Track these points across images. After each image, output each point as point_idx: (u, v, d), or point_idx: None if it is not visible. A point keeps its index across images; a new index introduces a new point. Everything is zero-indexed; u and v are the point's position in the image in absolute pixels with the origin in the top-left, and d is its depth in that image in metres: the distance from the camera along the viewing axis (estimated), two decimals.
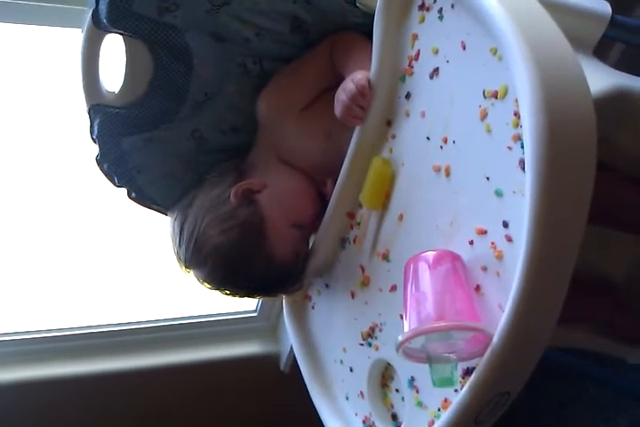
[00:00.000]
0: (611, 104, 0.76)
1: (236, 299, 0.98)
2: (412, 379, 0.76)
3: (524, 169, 0.59)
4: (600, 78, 0.79)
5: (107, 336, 1.62)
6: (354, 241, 0.89)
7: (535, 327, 0.60)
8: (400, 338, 0.63)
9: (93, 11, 0.86)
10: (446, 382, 0.64)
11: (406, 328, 0.65)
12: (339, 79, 0.86)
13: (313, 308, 0.99)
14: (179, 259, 0.94)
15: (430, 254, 0.68)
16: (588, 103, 0.57)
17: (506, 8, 0.60)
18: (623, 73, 0.89)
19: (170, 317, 1.69)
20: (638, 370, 1.11)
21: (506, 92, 0.62)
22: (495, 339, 0.60)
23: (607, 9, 0.86)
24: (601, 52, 0.91)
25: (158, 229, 1.09)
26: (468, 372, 0.65)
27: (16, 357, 1.55)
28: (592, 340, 0.98)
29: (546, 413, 1.60)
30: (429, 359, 0.64)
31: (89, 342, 1.61)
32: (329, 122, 0.87)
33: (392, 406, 0.83)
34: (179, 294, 1.65)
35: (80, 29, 0.91)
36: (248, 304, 1.76)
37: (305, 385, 0.96)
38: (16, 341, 1.56)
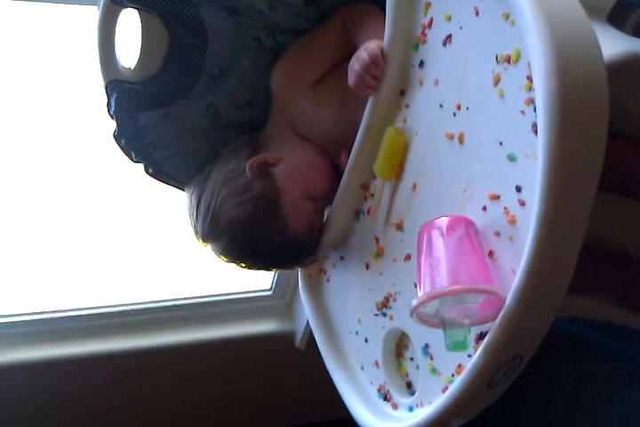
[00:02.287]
0: (623, 69, 0.76)
1: (252, 272, 1.00)
2: (427, 346, 0.77)
3: (536, 133, 0.59)
4: (613, 44, 0.79)
5: (121, 316, 1.64)
6: (368, 212, 0.89)
7: (547, 290, 0.60)
8: (414, 302, 0.64)
9: None
10: (459, 345, 0.65)
11: (420, 293, 0.66)
12: (352, 50, 0.86)
13: (328, 281, 1.00)
14: (196, 232, 0.95)
15: (443, 221, 0.68)
16: (601, 67, 0.58)
17: None
18: (638, 39, 0.88)
19: (185, 296, 1.70)
20: None
21: (518, 57, 0.62)
22: (508, 302, 0.61)
23: None
24: (617, 19, 0.90)
25: (173, 207, 1.10)
26: (481, 336, 0.66)
27: (35, 337, 1.57)
28: (607, 310, 0.97)
29: (561, 387, 1.61)
30: (443, 324, 0.65)
31: (104, 321, 1.62)
32: (342, 93, 0.88)
33: (407, 375, 0.84)
34: (194, 273, 1.67)
35: (95, 6, 0.92)
36: (263, 283, 1.77)
37: (321, 362, 0.97)
38: (35, 321, 1.58)
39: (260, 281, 1.76)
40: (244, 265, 0.96)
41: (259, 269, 0.98)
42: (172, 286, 1.71)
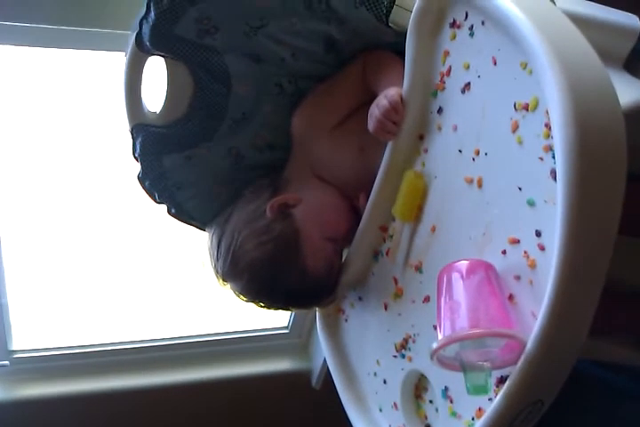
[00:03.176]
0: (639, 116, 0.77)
1: (271, 311, 1.00)
2: (446, 389, 0.77)
3: (555, 179, 0.60)
4: (630, 91, 0.80)
5: (138, 353, 1.65)
6: (386, 254, 0.90)
7: (568, 335, 0.60)
8: (434, 345, 0.64)
9: (137, 34, 0.90)
10: (480, 389, 0.65)
11: (440, 336, 0.66)
12: (371, 97, 0.88)
13: (346, 321, 1.00)
14: (216, 272, 0.97)
15: (463, 264, 0.69)
16: (618, 114, 0.59)
17: (535, 23, 0.62)
18: None
19: (203, 333, 1.71)
20: None
21: (537, 105, 0.64)
22: (529, 346, 0.61)
23: (636, 23, 0.88)
24: (633, 66, 0.92)
25: (192, 245, 1.11)
26: (501, 380, 0.66)
27: (43, 373, 1.58)
28: (628, 353, 0.97)
29: None
30: (463, 367, 0.65)
31: (121, 357, 1.64)
32: (362, 138, 0.90)
33: (426, 418, 0.83)
34: (212, 311, 1.68)
35: (123, 53, 0.96)
36: (280, 321, 1.77)
37: (337, 401, 0.96)
38: (43, 357, 1.59)
39: (277, 319, 1.77)
40: (262, 305, 0.96)
41: (277, 308, 0.99)
42: (189, 323, 1.72)
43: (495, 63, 0.70)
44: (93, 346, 1.63)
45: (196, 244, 1.04)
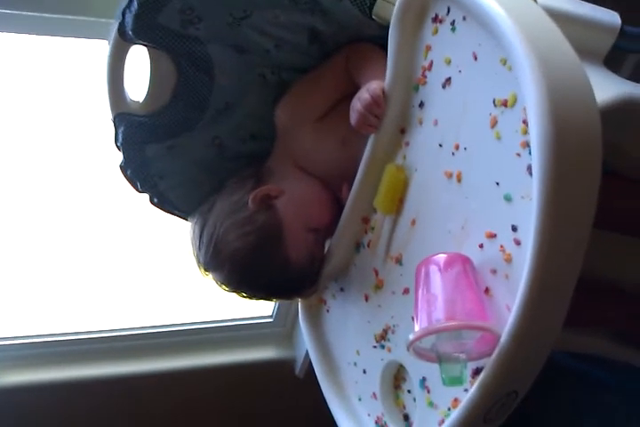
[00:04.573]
0: (619, 112, 0.78)
1: (253, 301, 1.01)
2: (424, 379, 0.78)
3: (531, 175, 0.61)
4: (609, 87, 0.81)
5: (123, 340, 1.65)
6: (368, 245, 0.91)
7: (542, 328, 0.61)
8: (411, 337, 0.65)
9: (120, 23, 0.90)
10: (456, 380, 0.66)
11: (417, 328, 0.67)
12: (354, 89, 0.89)
13: (328, 311, 1.01)
14: (198, 262, 0.97)
15: (441, 257, 0.70)
16: (594, 112, 0.60)
17: (515, 20, 0.63)
18: (634, 82, 0.91)
19: (186, 321, 1.71)
20: None
21: (515, 101, 0.64)
22: (502, 339, 0.62)
23: (616, 20, 0.89)
24: (614, 62, 0.93)
25: (177, 234, 1.12)
26: (477, 372, 0.67)
27: (32, 360, 1.58)
28: (604, 346, 0.99)
29: (559, 420, 1.61)
30: (439, 358, 0.66)
31: (105, 345, 1.64)
32: (344, 130, 0.90)
33: (404, 407, 0.85)
34: (196, 299, 1.68)
35: (106, 41, 0.95)
36: (264, 310, 1.78)
37: (320, 390, 0.98)
38: (31, 344, 1.59)
39: (262, 308, 1.77)
40: (245, 295, 0.97)
41: (260, 299, 1.00)
42: (173, 311, 1.72)
43: (476, 58, 0.70)
44: (78, 333, 1.63)
45: (180, 232, 1.04)
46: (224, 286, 0.96)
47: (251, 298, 0.98)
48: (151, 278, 1.67)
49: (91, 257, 1.61)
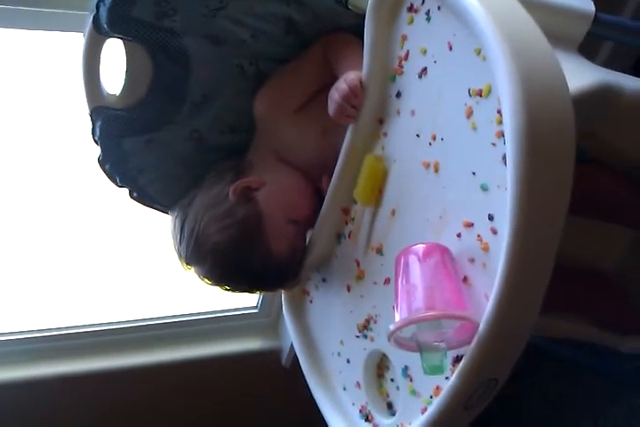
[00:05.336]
0: (593, 100, 0.78)
1: (237, 294, 1.01)
2: (406, 368, 0.79)
3: (506, 164, 0.61)
4: (583, 75, 0.81)
5: (106, 334, 1.64)
6: (349, 236, 0.91)
7: (519, 315, 0.62)
8: (391, 327, 0.66)
9: (94, 16, 0.89)
10: (436, 369, 0.67)
11: (397, 318, 0.68)
12: (333, 79, 0.88)
13: (311, 302, 1.02)
14: (179, 256, 0.97)
15: (420, 247, 0.70)
16: (567, 101, 0.60)
17: (488, 10, 0.63)
18: (610, 70, 0.91)
19: (171, 314, 1.71)
20: (632, 360, 1.14)
21: (489, 91, 0.65)
22: (481, 327, 0.62)
23: (590, 7, 0.89)
24: (589, 50, 0.93)
25: (158, 227, 1.11)
26: (457, 360, 0.68)
27: (20, 356, 1.57)
28: (583, 330, 1.00)
29: (543, 404, 1.63)
30: (420, 348, 0.67)
31: (88, 340, 1.63)
32: (324, 121, 0.90)
33: (387, 396, 0.85)
34: (180, 292, 1.68)
35: (81, 34, 0.94)
36: (249, 301, 1.78)
37: (306, 380, 0.98)
38: (18, 340, 1.58)
39: (247, 299, 1.78)
40: (227, 288, 0.97)
41: (243, 291, 1.00)
42: (158, 303, 1.72)
43: (451, 48, 0.70)
44: (61, 329, 1.62)
45: (163, 226, 1.03)
46: (206, 280, 0.96)
47: (234, 291, 0.98)
48: (135, 272, 1.66)
49: (76, 252, 1.60)
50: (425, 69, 0.75)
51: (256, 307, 1.77)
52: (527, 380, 1.59)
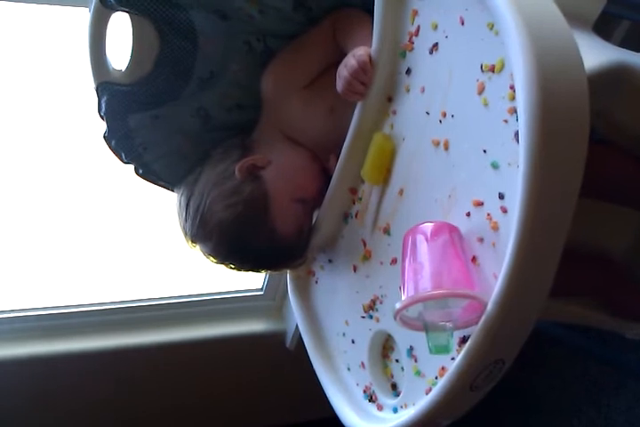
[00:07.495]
0: (608, 79, 0.77)
1: (241, 273, 1.00)
2: (411, 348, 0.78)
3: (518, 141, 0.60)
4: (598, 53, 0.79)
5: (112, 313, 1.65)
6: (356, 216, 0.90)
7: (528, 296, 0.61)
8: (398, 305, 0.65)
9: None
10: (442, 349, 0.66)
11: (404, 297, 0.67)
12: (341, 56, 0.87)
13: (316, 283, 1.01)
14: (185, 233, 0.96)
15: (428, 226, 0.69)
16: (582, 77, 0.59)
17: None
18: (624, 49, 0.89)
19: (176, 294, 1.71)
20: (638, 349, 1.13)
21: (502, 66, 0.63)
22: (489, 307, 0.62)
23: None
24: (605, 29, 0.91)
25: (165, 206, 1.11)
26: (464, 340, 0.67)
27: (22, 333, 1.57)
28: (590, 315, 0.99)
29: (549, 390, 1.63)
30: (426, 327, 0.66)
31: (95, 318, 1.64)
32: (332, 98, 0.89)
33: (392, 376, 0.85)
34: (186, 272, 1.68)
35: (87, 8, 0.93)
36: (254, 283, 1.78)
37: (310, 361, 0.98)
38: (35, 316, 1.59)
39: (252, 281, 1.77)
40: (232, 266, 0.96)
41: (247, 270, 0.99)
42: (163, 284, 1.72)
43: (463, 23, 0.69)
44: (72, 307, 1.63)
45: (168, 205, 1.03)
46: (212, 258, 0.96)
47: (239, 270, 0.97)
48: (140, 251, 1.66)
49: (80, 231, 1.60)
50: (436, 45, 0.74)
51: (261, 289, 1.77)
52: (530, 365, 1.59)
